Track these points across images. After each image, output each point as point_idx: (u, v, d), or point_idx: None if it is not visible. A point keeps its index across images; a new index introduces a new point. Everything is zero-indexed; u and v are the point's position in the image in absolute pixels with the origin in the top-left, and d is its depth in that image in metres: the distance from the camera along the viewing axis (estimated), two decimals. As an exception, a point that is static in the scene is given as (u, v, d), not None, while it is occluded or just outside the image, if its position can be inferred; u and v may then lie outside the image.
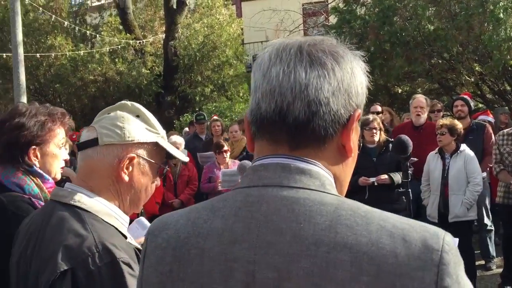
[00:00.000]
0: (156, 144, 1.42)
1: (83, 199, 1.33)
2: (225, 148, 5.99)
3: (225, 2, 16.52)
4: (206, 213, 0.85)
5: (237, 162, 5.94)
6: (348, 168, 0.90)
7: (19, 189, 1.77)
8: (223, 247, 0.80)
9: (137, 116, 1.42)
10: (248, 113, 0.88)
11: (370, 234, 0.74)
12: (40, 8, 14.39)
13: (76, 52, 14.50)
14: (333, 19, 11.59)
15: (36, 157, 1.82)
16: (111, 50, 14.99)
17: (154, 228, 0.92)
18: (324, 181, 0.83)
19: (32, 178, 1.80)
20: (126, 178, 1.37)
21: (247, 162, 5.34)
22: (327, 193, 0.81)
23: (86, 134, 1.40)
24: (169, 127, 11.44)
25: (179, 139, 6.48)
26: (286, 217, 0.78)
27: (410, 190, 2.99)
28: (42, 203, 1.75)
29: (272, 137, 0.85)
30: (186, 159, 1.57)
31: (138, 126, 1.39)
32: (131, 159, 1.36)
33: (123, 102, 1.46)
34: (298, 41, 0.86)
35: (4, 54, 13.02)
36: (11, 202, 1.72)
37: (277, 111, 0.82)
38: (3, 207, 1.71)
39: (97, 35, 15.42)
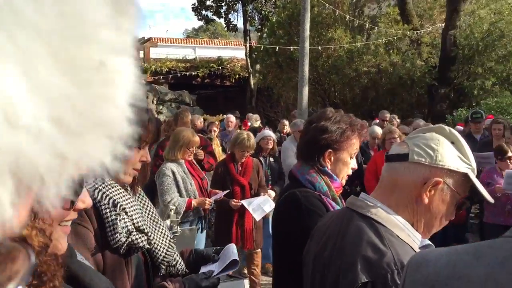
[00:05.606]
0: (465, 176, 1.34)
1: (379, 213, 1.35)
2: (510, 154, 5.35)
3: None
4: (469, 258, 0.84)
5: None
6: None
7: (311, 185, 1.96)
8: None
9: (452, 143, 1.37)
10: None
11: None
12: (327, 5, 15.47)
13: (353, 44, 15.14)
14: None
15: (330, 160, 1.98)
16: (386, 41, 15.08)
17: (414, 262, 0.92)
18: None
19: (323, 177, 1.97)
20: (426, 200, 1.33)
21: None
22: None
23: (397, 148, 1.42)
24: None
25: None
26: None
27: None
28: (331, 201, 1.92)
29: None
30: (491, 200, 1.41)
31: (451, 153, 1.34)
32: (437, 183, 1.31)
33: (441, 125, 1.44)
34: None
35: (292, 47, 14.62)
36: (305, 197, 1.91)
37: None
38: (298, 201, 1.91)
39: (375, 27, 15.71)
